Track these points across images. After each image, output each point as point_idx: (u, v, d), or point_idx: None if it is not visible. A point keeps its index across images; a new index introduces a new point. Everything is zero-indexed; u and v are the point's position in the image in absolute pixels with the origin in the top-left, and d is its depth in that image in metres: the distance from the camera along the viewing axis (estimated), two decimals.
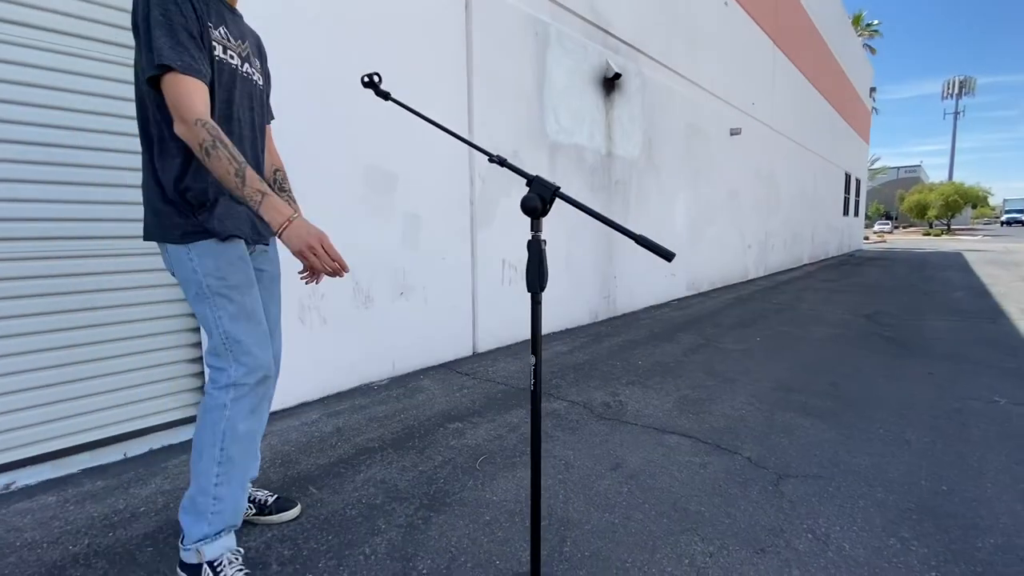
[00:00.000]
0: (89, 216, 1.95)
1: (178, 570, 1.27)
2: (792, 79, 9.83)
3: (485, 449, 2.04)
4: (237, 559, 1.27)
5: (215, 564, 1.23)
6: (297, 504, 1.60)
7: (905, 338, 4.07)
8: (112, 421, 2.06)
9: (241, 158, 1.10)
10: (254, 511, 1.54)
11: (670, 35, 5.58)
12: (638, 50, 5.03)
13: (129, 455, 2.00)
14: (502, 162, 1.20)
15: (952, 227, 40.59)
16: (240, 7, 1.38)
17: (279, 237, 1.10)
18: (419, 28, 3.00)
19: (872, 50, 32.40)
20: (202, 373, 2.29)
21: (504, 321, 3.72)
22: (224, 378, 1.23)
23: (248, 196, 1.08)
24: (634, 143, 5.06)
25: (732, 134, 7.16)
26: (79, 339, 1.95)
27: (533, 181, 1.10)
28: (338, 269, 1.13)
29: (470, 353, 3.48)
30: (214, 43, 1.19)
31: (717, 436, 2.18)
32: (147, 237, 1.24)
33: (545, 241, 1.12)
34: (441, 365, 3.23)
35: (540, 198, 1.08)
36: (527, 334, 3.90)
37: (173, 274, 1.26)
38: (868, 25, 33.03)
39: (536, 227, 1.11)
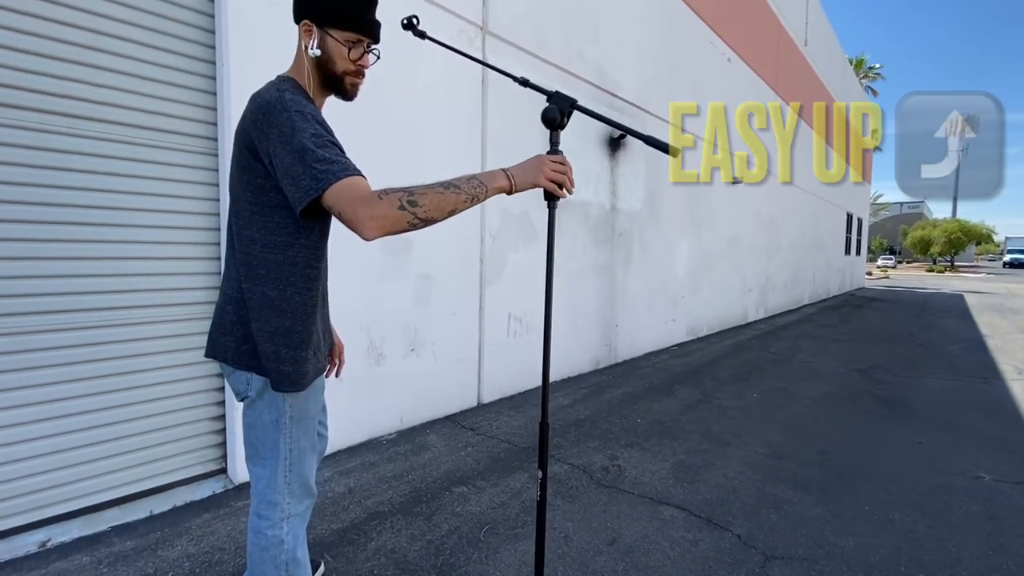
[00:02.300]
0: (120, 288, 2.12)
1: None
2: (792, 125, 10.12)
3: (489, 518, 2.15)
4: None
5: None
6: (321, 564, 1.72)
7: (897, 398, 4.17)
8: (138, 478, 2.20)
9: (436, 183, 1.08)
10: None
11: (673, 93, 5.84)
12: (643, 109, 5.28)
13: (155, 512, 2.12)
14: (525, 83, 1.35)
15: (956, 264, 40.71)
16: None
17: (513, 193, 1.18)
18: (440, 106, 3.22)
19: (875, 92, 33.13)
20: (223, 430, 2.43)
21: (508, 373, 3.86)
22: (278, 513, 1.22)
23: (477, 196, 1.11)
24: (637, 197, 5.27)
25: (734, 183, 7.38)
26: (109, 402, 2.10)
27: (553, 96, 1.23)
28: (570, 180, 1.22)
29: (475, 404, 3.61)
30: None
31: (710, 509, 2.29)
32: (240, 367, 1.19)
33: (562, 152, 1.25)
34: (447, 418, 3.35)
35: (559, 110, 1.21)
36: (530, 384, 4.03)
37: (239, 392, 1.23)
38: (871, 68, 33.86)
39: (555, 140, 1.25)
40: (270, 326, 1.17)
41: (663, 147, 1.21)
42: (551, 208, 1.29)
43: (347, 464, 2.62)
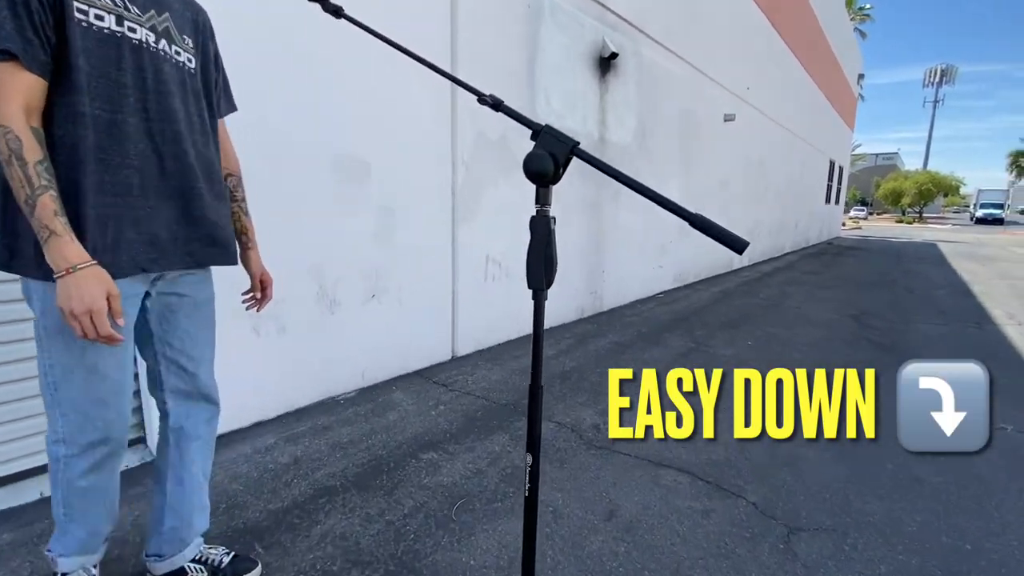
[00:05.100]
0: None
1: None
2: (786, 62, 9.56)
3: (462, 490, 1.81)
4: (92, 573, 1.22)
5: None
6: (258, 564, 1.38)
7: (894, 344, 3.96)
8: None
9: (44, 182, 0.87)
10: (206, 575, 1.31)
11: (669, 13, 5.23)
12: (637, 28, 4.68)
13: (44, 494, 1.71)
14: (496, 105, 0.88)
15: (924, 215, 41.58)
16: None
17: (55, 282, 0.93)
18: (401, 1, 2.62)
19: (863, 34, 32.26)
20: (140, 406, 1.99)
21: (486, 322, 3.47)
22: (52, 434, 1.08)
23: (36, 229, 0.91)
24: (627, 128, 4.76)
25: (726, 120, 6.90)
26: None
27: (542, 132, 0.78)
28: (105, 342, 0.96)
29: (448, 358, 3.23)
30: (87, 6, 0.92)
31: (717, 471, 1.99)
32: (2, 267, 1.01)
33: (555, 219, 0.82)
34: (416, 372, 2.97)
35: (552, 157, 0.76)
36: (510, 335, 3.66)
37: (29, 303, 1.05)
38: (860, 8, 32.78)
39: (543, 199, 0.80)
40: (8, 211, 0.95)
41: (736, 246, 0.74)
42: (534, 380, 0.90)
43: (295, 428, 2.23)
